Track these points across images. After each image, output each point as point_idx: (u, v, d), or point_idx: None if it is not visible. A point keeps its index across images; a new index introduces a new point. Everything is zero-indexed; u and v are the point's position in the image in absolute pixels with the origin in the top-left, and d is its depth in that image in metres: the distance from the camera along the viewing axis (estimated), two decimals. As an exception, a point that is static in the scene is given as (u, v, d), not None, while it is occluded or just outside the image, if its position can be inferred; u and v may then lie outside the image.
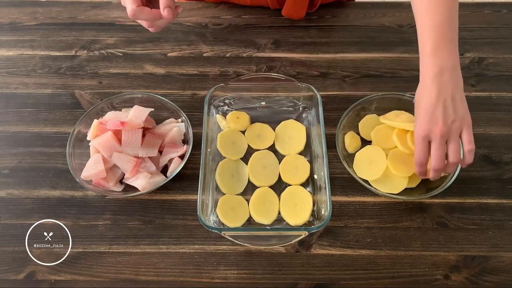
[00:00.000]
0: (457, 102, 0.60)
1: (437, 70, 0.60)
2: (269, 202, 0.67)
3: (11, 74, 0.85)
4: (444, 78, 0.60)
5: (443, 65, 0.60)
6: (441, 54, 0.60)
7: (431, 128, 0.59)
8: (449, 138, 0.60)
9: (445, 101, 0.59)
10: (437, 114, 0.59)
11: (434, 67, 0.60)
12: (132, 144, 0.68)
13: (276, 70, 0.85)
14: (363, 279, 0.63)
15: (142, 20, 0.64)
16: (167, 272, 0.64)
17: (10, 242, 0.66)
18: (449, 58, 0.60)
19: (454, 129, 0.60)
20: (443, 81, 0.60)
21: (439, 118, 0.59)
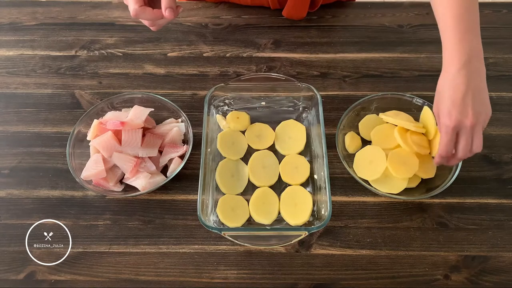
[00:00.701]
0: (483, 93, 0.59)
1: (465, 59, 0.58)
2: (269, 202, 0.67)
3: (11, 74, 0.85)
4: (472, 67, 0.58)
5: (470, 53, 0.58)
6: (466, 43, 0.59)
7: (462, 119, 0.58)
8: (475, 130, 0.59)
9: (474, 92, 0.58)
10: (467, 105, 0.57)
11: (461, 56, 0.58)
12: (132, 144, 0.68)
13: (276, 70, 0.85)
14: (363, 279, 0.63)
15: (144, 20, 0.65)
16: (167, 272, 0.64)
17: (10, 242, 0.66)
18: (475, 45, 0.59)
19: (481, 121, 0.59)
20: (471, 70, 0.58)
21: (469, 110, 0.57)
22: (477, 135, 0.59)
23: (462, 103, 0.58)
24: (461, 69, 0.58)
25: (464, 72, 0.58)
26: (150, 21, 0.66)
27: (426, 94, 0.80)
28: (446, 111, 0.59)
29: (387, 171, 0.68)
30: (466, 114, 0.58)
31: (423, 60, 0.86)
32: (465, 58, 0.58)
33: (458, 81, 0.58)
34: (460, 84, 0.58)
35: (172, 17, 0.63)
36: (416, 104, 0.75)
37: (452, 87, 0.59)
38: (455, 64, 0.59)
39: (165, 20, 0.66)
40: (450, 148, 0.60)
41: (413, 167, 0.67)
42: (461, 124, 0.58)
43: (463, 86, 0.58)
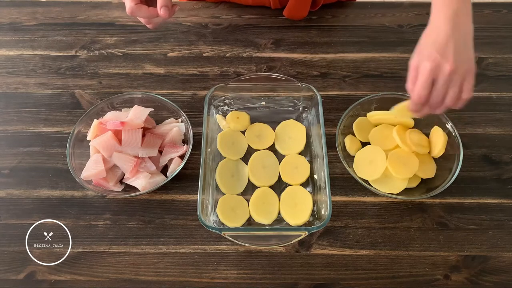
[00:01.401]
0: (469, 47, 0.57)
1: (451, 13, 0.56)
2: (269, 202, 0.67)
3: (11, 74, 0.85)
4: (459, 19, 0.56)
5: (457, 10, 0.57)
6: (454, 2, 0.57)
7: (441, 63, 0.55)
8: (453, 80, 0.56)
9: (457, 42, 0.56)
10: (448, 50, 0.55)
11: (447, 11, 0.57)
12: (132, 144, 0.68)
13: (276, 70, 0.85)
14: (363, 279, 0.63)
15: (140, 17, 0.66)
16: (167, 272, 0.64)
17: (10, 242, 0.66)
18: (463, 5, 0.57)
19: (462, 72, 0.56)
20: (457, 22, 0.56)
21: (449, 55, 0.55)
22: (454, 88, 0.56)
23: (444, 47, 0.55)
24: (445, 22, 0.56)
25: (450, 23, 0.56)
26: (146, 19, 0.67)
27: (426, 94, 0.80)
28: (427, 53, 0.56)
29: (387, 171, 0.68)
30: (447, 58, 0.55)
31: (423, 60, 0.86)
32: (450, 13, 0.56)
33: (443, 29, 0.56)
34: (444, 32, 0.56)
35: (166, 16, 0.64)
36: (416, 104, 0.75)
37: (436, 33, 0.56)
38: (439, 19, 0.57)
39: (161, 18, 0.67)
40: (424, 92, 0.56)
41: (413, 167, 0.68)
42: (440, 66, 0.55)
43: (447, 34, 0.56)
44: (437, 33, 0.56)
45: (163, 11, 0.63)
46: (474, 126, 0.77)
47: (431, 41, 0.56)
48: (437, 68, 0.55)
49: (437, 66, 0.55)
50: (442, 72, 0.55)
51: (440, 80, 0.56)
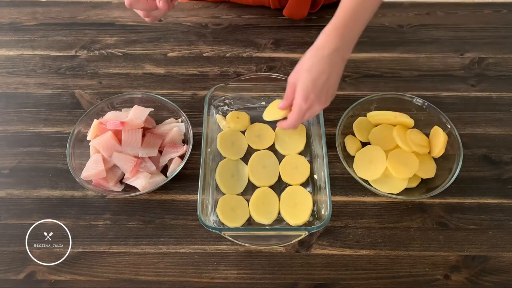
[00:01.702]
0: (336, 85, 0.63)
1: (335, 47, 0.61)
2: (269, 202, 0.67)
3: (11, 74, 0.85)
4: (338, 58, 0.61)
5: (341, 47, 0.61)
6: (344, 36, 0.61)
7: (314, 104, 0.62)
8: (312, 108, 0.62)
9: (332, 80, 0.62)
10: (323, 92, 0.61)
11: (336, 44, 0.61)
12: (132, 144, 0.68)
13: (276, 70, 0.85)
14: (363, 279, 0.63)
15: (138, 10, 0.67)
16: (167, 272, 0.64)
17: (10, 242, 0.66)
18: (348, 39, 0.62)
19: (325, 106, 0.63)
20: (335, 59, 0.61)
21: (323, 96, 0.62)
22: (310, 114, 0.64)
23: (320, 88, 0.61)
24: (330, 54, 0.61)
25: (331, 58, 0.61)
26: (144, 12, 0.67)
27: (426, 94, 0.80)
28: (304, 92, 0.61)
29: (387, 171, 0.68)
30: (320, 99, 0.62)
31: (423, 60, 0.86)
32: (337, 47, 0.61)
33: (325, 67, 0.61)
34: (325, 71, 0.61)
35: (165, 8, 0.64)
36: (416, 104, 0.75)
37: (318, 70, 0.61)
38: (328, 48, 0.61)
39: (159, 12, 0.67)
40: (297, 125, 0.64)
41: (413, 167, 0.68)
42: (313, 107, 0.62)
43: (327, 74, 0.61)
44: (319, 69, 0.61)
45: (162, 4, 0.64)
46: (474, 126, 0.77)
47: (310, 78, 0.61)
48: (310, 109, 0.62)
49: (311, 107, 0.62)
50: (313, 111, 0.63)
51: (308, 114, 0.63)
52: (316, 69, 0.61)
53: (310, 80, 0.61)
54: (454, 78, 0.83)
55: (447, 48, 0.88)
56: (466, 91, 0.81)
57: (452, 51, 0.87)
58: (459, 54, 0.87)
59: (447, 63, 0.86)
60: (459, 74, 0.84)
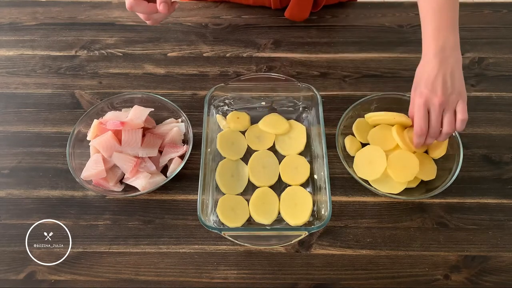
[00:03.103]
0: (456, 77, 0.64)
1: (439, 48, 0.64)
2: (269, 202, 0.67)
3: (11, 74, 0.85)
4: (445, 54, 0.64)
5: (444, 44, 0.64)
6: (441, 35, 0.64)
7: (431, 97, 0.63)
8: (445, 109, 0.64)
9: (445, 75, 0.63)
10: (437, 85, 0.63)
11: (436, 46, 0.64)
12: (132, 144, 0.68)
13: (276, 70, 0.85)
14: (363, 279, 0.63)
15: (139, 13, 0.67)
16: (167, 272, 0.64)
17: (10, 242, 0.66)
18: (449, 38, 0.64)
19: (451, 101, 0.63)
20: (444, 57, 0.64)
21: (438, 89, 0.63)
22: (448, 114, 0.64)
23: (432, 83, 0.63)
24: (434, 57, 0.64)
25: (436, 59, 0.64)
26: (145, 15, 0.68)
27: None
28: (418, 90, 0.65)
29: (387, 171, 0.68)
30: (435, 92, 0.63)
31: (423, 60, 0.86)
32: (438, 48, 0.64)
33: (431, 67, 0.64)
34: (432, 69, 0.64)
35: (165, 11, 0.64)
36: (416, 104, 0.75)
37: (425, 71, 0.65)
38: (429, 54, 0.65)
39: (160, 15, 0.68)
40: (422, 124, 0.64)
41: (414, 170, 0.67)
42: (430, 100, 0.64)
43: (434, 70, 0.64)
44: (426, 70, 0.65)
45: (162, 7, 0.64)
46: (474, 126, 0.77)
47: (422, 79, 0.65)
48: (428, 102, 0.64)
49: (428, 101, 0.64)
50: (433, 105, 0.64)
51: (432, 111, 0.64)
52: (426, 70, 0.65)
53: (419, 82, 0.65)
54: (454, 78, 0.83)
55: (447, 48, 0.88)
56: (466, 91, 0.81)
57: (452, 51, 0.87)
58: (459, 54, 0.87)
59: (447, 63, 0.85)
60: (459, 74, 0.84)
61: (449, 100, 0.63)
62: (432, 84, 0.63)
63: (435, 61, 0.63)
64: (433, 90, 0.63)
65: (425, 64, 0.65)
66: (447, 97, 0.63)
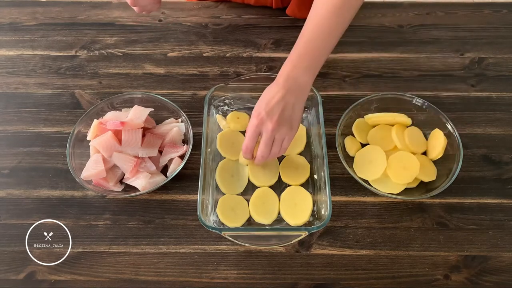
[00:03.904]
0: (294, 115, 0.63)
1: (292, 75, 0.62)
2: (269, 202, 0.67)
3: (11, 74, 0.85)
4: (296, 84, 0.62)
5: (298, 74, 0.62)
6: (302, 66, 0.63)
7: (266, 120, 0.61)
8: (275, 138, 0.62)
9: (286, 106, 0.61)
10: (276, 111, 0.61)
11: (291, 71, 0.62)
12: (132, 144, 0.68)
13: (276, 70, 0.84)
14: (363, 279, 0.63)
15: None
16: (167, 272, 0.64)
17: (10, 242, 0.66)
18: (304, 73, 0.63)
19: (282, 132, 0.62)
20: (293, 85, 0.62)
21: (276, 115, 0.61)
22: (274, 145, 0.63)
23: (272, 107, 0.61)
24: (285, 81, 0.62)
25: (286, 84, 0.62)
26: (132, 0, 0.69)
27: (426, 94, 0.80)
28: (257, 110, 0.62)
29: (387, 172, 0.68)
30: (271, 117, 0.61)
31: (423, 60, 0.86)
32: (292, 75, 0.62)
33: (278, 89, 0.62)
34: (279, 92, 0.62)
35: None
36: (416, 104, 0.75)
37: (270, 92, 0.62)
38: (283, 76, 0.62)
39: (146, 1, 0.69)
40: (250, 144, 0.63)
41: (414, 171, 0.67)
42: (264, 124, 0.61)
43: (280, 95, 0.61)
44: (272, 91, 0.62)
45: None
46: (474, 126, 0.77)
47: (264, 99, 0.62)
48: (261, 125, 0.62)
49: (262, 124, 0.61)
50: (265, 129, 0.61)
51: (264, 134, 0.62)
52: (269, 92, 0.62)
53: (262, 101, 0.62)
54: (454, 78, 0.83)
55: (447, 48, 0.88)
56: (466, 91, 0.81)
57: (452, 51, 0.87)
58: (459, 54, 0.87)
59: (447, 63, 0.86)
60: (459, 74, 0.84)
61: (280, 131, 0.62)
62: (271, 109, 0.61)
63: (282, 89, 0.62)
64: (270, 115, 0.61)
65: (273, 85, 0.63)
66: (280, 126, 0.61)
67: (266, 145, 0.62)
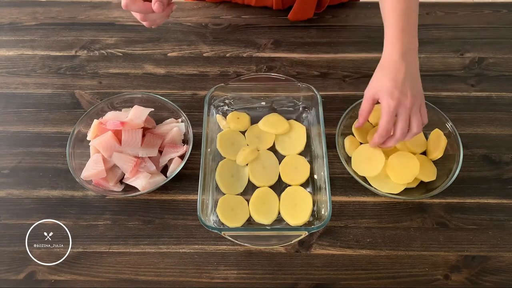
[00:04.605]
0: (418, 81, 0.65)
1: (404, 50, 0.64)
2: (269, 202, 0.67)
3: (11, 74, 0.85)
4: (409, 57, 0.64)
5: (408, 46, 0.64)
6: (406, 37, 0.65)
7: (402, 99, 0.62)
8: (413, 111, 0.63)
9: (411, 78, 0.64)
10: (406, 87, 0.63)
11: (402, 47, 0.64)
12: (132, 144, 0.68)
13: (276, 70, 0.85)
14: (363, 279, 0.63)
15: (135, 12, 0.67)
16: (167, 272, 0.64)
17: (10, 242, 0.66)
18: (413, 41, 0.65)
19: (417, 104, 0.64)
20: (408, 60, 0.64)
21: (408, 91, 0.62)
22: (416, 116, 0.63)
23: (402, 85, 0.63)
24: (401, 57, 0.64)
25: (404, 60, 0.64)
26: (141, 15, 0.67)
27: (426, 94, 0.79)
28: (388, 91, 0.63)
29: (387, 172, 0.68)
30: (406, 94, 0.62)
31: (423, 60, 0.86)
32: (404, 50, 0.64)
33: (399, 66, 0.64)
34: (401, 69, 0.63)
35: (160, 11, 0.64)
36: (416, 104, 0.75)
37: (394, 71, 0.64)
38: (396, 53, 0.64)
39: (156, 15, 0.67)
40: (390, 127, 0.63)
41: (414, 171, 0.67)
42: (401, 103, 0.62)
43: (403, 71, 0.63)
44: (395, 70, 0.64)
45: (157, 6, 0.63)
46: (474, 126, 0.77)
47: (390, 79, 0.63)
48: (400, 105, 0.62)
49: (399, 104, 0.62)
50: (404, 108, 0.62)
51: (403, 114, 0.63)
52: (392, 71, 0.64)
53: (389, 81, 0.63)
54: (454, 78, 0.83)
55: (447, 48, 0.88)
56: (466, 91, 0.81)
57: (452, 51, 0.87)
58: (459, 54, 0.87)
59: (447, 63, 0.86)
60: (459, 74, 0.84)
61: (416, 103, 0.63)
62: (402, 86, 0.62)
63: (402, 63, 0.63)
64: (404, 93, 0.62)
65: (393, 64, 0.64)
66: (415, 100, 0.63)
67: (406, 122, 0.63)
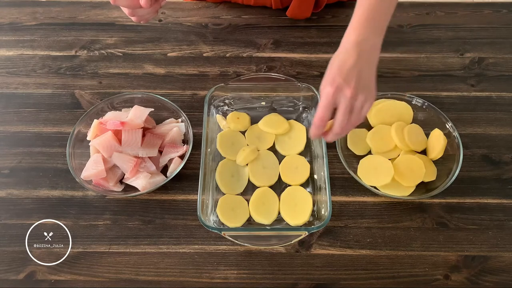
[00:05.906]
0: (370, 77, 0.59)
1: (360, 39, 0.59)
2: (269, 202, 0.67)
3: (11, 74, 0.85)
4: (366, 46, 0.59)
5: (367, 37, 0.59)
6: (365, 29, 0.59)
7: (343, 87, 0.56)
8: (355, 105, 0.57)
9: (361, 69, 0.57)
10: (352, 75, 0.57)
11: (359, 36, 0.59)
12: (132, 144, 0.68)
13: (276, 70, 0.85)
14: (363, 279, 0.63)
15: (123, 7, 0.66)
16: (167, 272, 0.64)
17: (10, 242, 0.66)
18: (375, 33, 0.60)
19: (361, 98, 0.57)
20: (364, 48, 0.58)
21: (352, 80, 0.56)
22: (356, 111, 0.58)
23: (347, 72, 0.57)
24: (354, 46, 0.58)
25: (357, 49, 0.58)
26: (129, 10, 0.67)
27: (426, 94, 0.80)
28: (331, 77, 0.58)
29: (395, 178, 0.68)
30: (349, 83, 0.56)
31: (423, 60, 0.86)
32: (359, 39, 0.59)
33: (350, 55, 0.58)
34: (350, 58, 0.58)
35: (147, 6, 0.64)
36: (416, 104, 0.75)
37: (342, 58, 0.58)
38: (350, 42, 0.59)
39: (144, 11, 0.67)
40: (326, 116, 0.58)
41: (420, 172, 0.67)
42: (342, 91, 0.56)
43: (353, 59, 0.57)
44: (344, 58, 0.58)
45: (144, 2, 0.63)
46: (474, 126, 0.77)
47: (336, 65, 0.58)
48: (338, 92, 0.57)
49: (338, 90, 0.56)
50: (344, 96, 0.56)
51: (343, 102, 0.57)
52: (342, 56, 0.58)
53: (335, 67, 0.58)
54: (454, 78, 0.83)
55: (447, 48, 0.88)
56: (466, 91, 0.81)
57: (452, 51, 0.87)
58: (459, 54, 0.87)
59: (447, 63, 0.86)
60: (459, 74, 0.84)
61: (359, 97, 0.57)
62: (346, 74, 0.56)
63: (354, 52, 0.58)
64: (347, 80, 0.56)
65: (344, 51, 0.59)
66: (358, 92, 0.57)
67: (345, 114, 0.57)
